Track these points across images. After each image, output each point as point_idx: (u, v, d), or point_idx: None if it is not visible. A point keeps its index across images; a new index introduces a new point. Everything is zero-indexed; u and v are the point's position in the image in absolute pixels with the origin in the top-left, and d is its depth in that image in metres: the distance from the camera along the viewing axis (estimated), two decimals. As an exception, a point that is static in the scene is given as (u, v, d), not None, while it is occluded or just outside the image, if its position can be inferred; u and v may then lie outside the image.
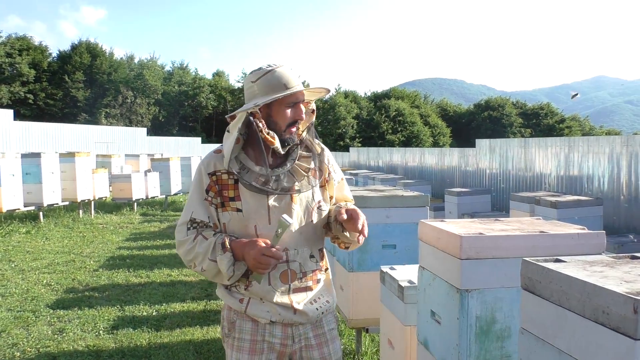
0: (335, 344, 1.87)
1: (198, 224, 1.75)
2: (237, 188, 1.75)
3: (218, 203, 1.77)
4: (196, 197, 1.78)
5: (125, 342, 4.31)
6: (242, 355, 1.76)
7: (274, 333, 1.76)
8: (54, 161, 10.89)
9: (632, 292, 1.06)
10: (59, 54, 47.79)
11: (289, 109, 1.77)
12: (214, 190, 1.76)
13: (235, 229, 1.77)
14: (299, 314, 1.76)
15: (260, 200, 1.74)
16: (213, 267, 1.71)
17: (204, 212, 1.76)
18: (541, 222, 2.14)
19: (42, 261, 7.42)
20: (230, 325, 1.80)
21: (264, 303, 1.75)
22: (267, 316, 1.74)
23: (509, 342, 1.85)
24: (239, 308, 1.77)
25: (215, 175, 1.77)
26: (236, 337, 1.78)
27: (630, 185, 7.77)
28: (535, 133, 56.66)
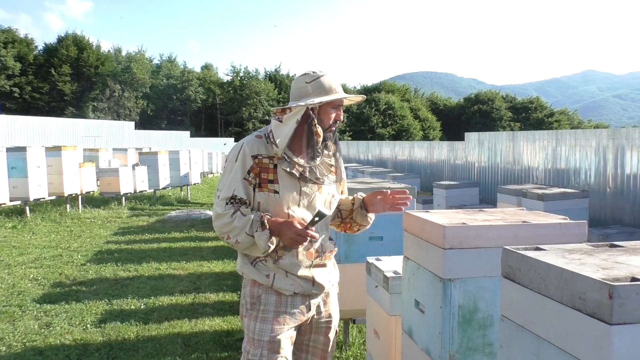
0: (337, 308, 2.22)
1: (237, 200, 1.97)
2: (276, 172, 2.00)
3: (256, 183, 2.00)
4: (238, 175, 1.99)
5: (113, 336, 4.29)
6: (266, 325, 1.98)
7: (295, 304, 2.02)
8: (40, 155, 10.78)
9: (607, 278, 1.07)
10: (45, 47, 47.20)
11: (334, 111, 2.07)
12: (254, 172, 1.99)
13: (268, 208, 2.01)
14: (317, 286, 2.05)
15: (295, 185, 2.01)
16: (249, 241, 1.93)
17: (242, 190, 1.98)
18: (524, 213, 2.16)
19: (29, 256, 7.36)
20: (255, 300, 2.02)
21: (288, 277, 1.99)
22: (291, 289, 1.99)
23: (491, 330, 1.87)
24: (265, 282, 1.99)
25: (258, 158, 2.00)
26: (261, 309, 2.00)
27: (616, 178, 7.86)
28: (525, 127, 57.00)
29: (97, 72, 46.29)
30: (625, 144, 7.72)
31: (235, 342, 4.13)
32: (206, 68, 57.98)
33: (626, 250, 1.37)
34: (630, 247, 1.41)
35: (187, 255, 7.43)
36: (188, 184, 15.98)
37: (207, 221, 10.51)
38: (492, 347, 1.87)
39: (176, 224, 10.30)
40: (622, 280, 1.06)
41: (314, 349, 2.15)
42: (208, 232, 9.37)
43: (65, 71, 43.95)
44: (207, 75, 55.60)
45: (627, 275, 1.10)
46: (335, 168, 2.15)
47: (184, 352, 3.96)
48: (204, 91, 52.97)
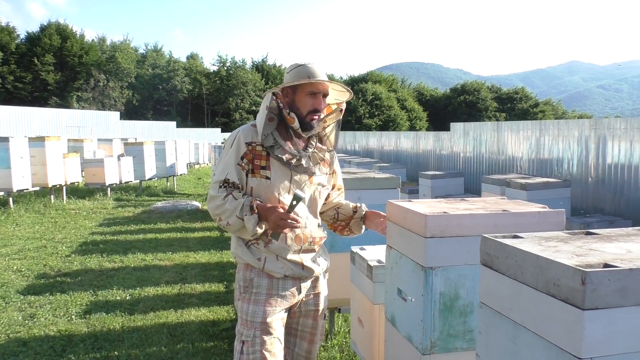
0: (326, 293, 2.30)
1: (230, 184, 2.05)
2: (268, 159, 2.07)
3: (249, 169, 2.08)
4: (232, 161, 2.08)
5: (98, 327, 4.28)
6: (259, 307, 2.06)
7: (286, 286, 2.10)
8: (23, 146, 10.62)
9: (581, 264, 1.10)
10: (27, 35, 46.36)
11: (309, 97, 2.09)
12: (247, 158, 2.07)
13: (260, 193, 2.08)
14: (306, 269, 2.13)
15: (286, 173, 2.08)
16: (239, 223, 2.00)
17: (235, 175, 2.06)
18: (505, 202, 2.19)
19: (12, 247, 7.29)
20: (248, 283, 2.10)
21: (278, 260, 2.07)
22: (282, 271, 2.07)
23: (471, 317, 1.90)
24: (257, 265, 2.07)
25: (251, 145, 2.08)
26: (253, 291, 2.08)
27: (598, 167, 7.97)
28: (510, 117, 57.39)
29: (81, 61, 45.62)
30: (607, 134, 7.83)
31: (221, 332, 4.15)
32: (192, 58, 57.46)
33: (601, 238, 1.40)
34: (605, 234, 1.45)
35: (173, 246, 7.41)
36: (174, 174, 15.88)
37: (193, 212, 10.48)
38: (472, 333, 1.91)
39: (162, 214, 10.26)
40: (594, 266, 1.09)
41: (302, 333, 2.22)
42: (194, 222, 9.35)
43: (48, 60, 43.25)
44: (193, 65, 55.12)
45: (599, 262, 1.12)
46: (326, 163, 2.22)
47: (170, 343, 3.97)
48: (190, 81, 52.53)
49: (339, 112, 2.23)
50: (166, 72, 50.96)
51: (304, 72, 2.09)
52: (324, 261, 2.25)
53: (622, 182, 7.53)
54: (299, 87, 2.10)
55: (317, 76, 2.08)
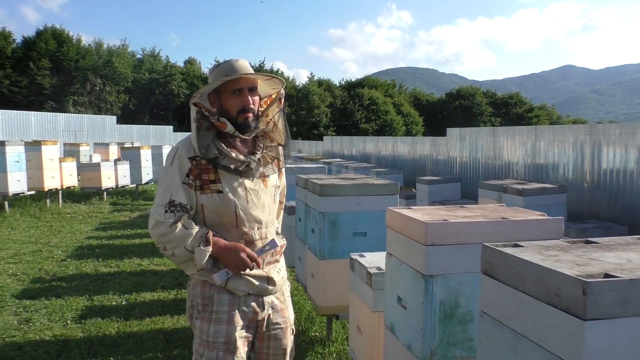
0: (291, 308, 2.17)
1: (176, 206, 1.87)
2: (216, 171, 1.91)
3: (197, 186, 1.91)
4: (176, 179, 1.89)
5: (93, 332, 4.27)
6: (221, 327, 1.92)
7: (248, 303, 1.96)
8: (19, 150, 10.60)
9: (582, 274, 1.11)
10: (23, 40, 46.24)
11: (235, 97, 1.93)
12: (194, 174, 1.90)
13: (215, 210, 1.92)
14: (271, 283, 2.01)
15: (238, 183, 1.93)
16: (186, 256, 1.85)
17: (183, 195, 1.89)
18: (504, 209, 2.19)
19: (8, 251, 7.26)
20: (207, 300, 1.94)
21: (242, 277, 1.93)
22: (245, 289, 1.94)
23: (471, 326, 1.90)
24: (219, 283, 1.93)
25: (195, 159, 1.91)
26: (214, 310, 1.93)
27: (593, 172, 8.00)
28: (505, 122, 57.59)
29: (78, 65, 45.48)
30: (602, 139, 7.86)
31: (218, 338, 4.14)
32: (189, 63, 57.44)
33: (600, 247, 1.41)
34: (605, 243, 1.45)
35: (169, 251, 7.38)
36: (170, 179, 15.84)
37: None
38: (472, 342, 1.91)
39: (158, 219, 10.22)
40: (595, 276, 1.10)
41: (275, 356, 2.08)
42: (191, 227, 9.33)
43: (44, 65, 43.11)
44: (191, 70, 55.09)
45: (600, 272, 1.13)
46: (277, 159, 2.07)
47: (166, 348, 3.95)
48: (187, 86, 52.47)
49: (279, 101, 2.06)
50: (163, 76, 50.90)
51: (221, 71, 1.94)
52: (284, 271, 2.14)
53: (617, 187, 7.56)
54: (222, 89, 1.94)
55: (235, 71, 1.91)
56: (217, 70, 1.96)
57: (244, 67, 1.95)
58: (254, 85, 1.97)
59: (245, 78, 1.93)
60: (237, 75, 1.91)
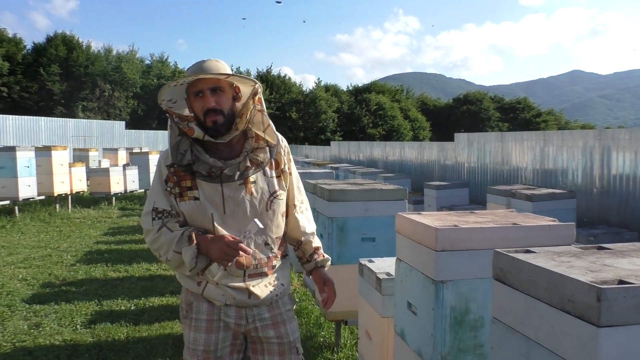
0: (292, 324, 1.99)
1: (161, 212, 1.85)
2: (193, 178, 1.84)
3: (177, 193, 1.86)
4: (158, 187, 1.88)
5: (103, 337, 4.28)
6: (199, 334, 1.87)
7: (229, 313, 1.88)
8: (29, 155, 10.69)
9: (596, 281, 1.10)
10: (33, 46, 46.72)
11: (198, 99, 1.84)
12: (172, 181, 1.86)
13: (194, 218, 1.86)
14: (253, 297, 1.87)
15: (215, 190, 1.83)
16: (177, 258, 1.80)
17: (165, 201, 1.86)
18: (514, 215, 2.19)
19: (18, 256, 7.31)
20: (187, 307, 1.91)
21: (218, 287, 1.85)
22: (222, 299, 1.86)
23: (482, 332, 1.89)
24: (196, 290, 1.88)
25: (173, 167, 1.86)
26: (193, 317, 1.89)
27: (603, 178, 7.95)
28: (513, 127, 57.38)
29: (87, 71, 45.87)
30: (612, 144, 7.82)
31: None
32: (197, 68, 57.76)
33: (614, 253, 1.40)
34: (618, 249, 1.45)
35: (177, 255, 7.40)
36: (178, 184, 15.91)
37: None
38: (483, 348, 1.90)
39: (166, 224, 10.26)
40: (609, 283, 1.09)
41: None
42: (199, 232, 9.34)
43: (54, 71, 43.50)
44: (198, 74, 55.39)
45: (614, 278, 1.12)
46: (276, 161, 1.94)
47: (175, 354, 3.95)
48: (195, 91, 52.77)
49: (253, 97, 1.89)
50: (171, 82, 51.23)
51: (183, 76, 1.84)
52: (281, 286, 1.94)
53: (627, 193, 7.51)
54: (188, 93, 1.87)
55: (194, 74, 1.81)
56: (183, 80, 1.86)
57: (208, 68, 1.83)
58: (216, 85, 1.82)
59: (205, 80, 1.81)
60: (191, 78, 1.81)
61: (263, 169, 1.90)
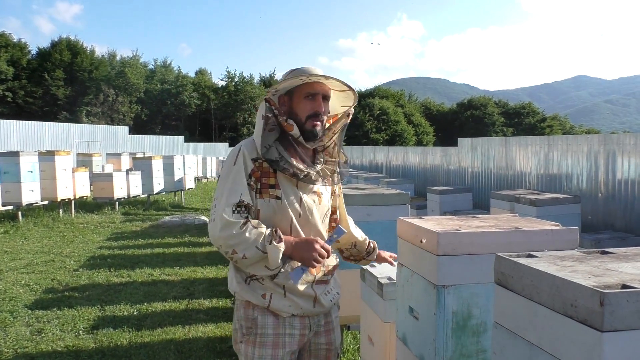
0: (338, 329, 2.04)
1: (244, 206, 1.78)
2: (276, 177, 1.83)
3: (257, 189, 1.83)
4: (242, 180, 1.80)
5: (105, 342, 4.27)
6: (266, 350, 1.82)
7: (294, 324, 1.86)
8: (32, 160, 10.73)
9: (599, 285, 1.08)
10: (38, 51, 47.02)
11: (308, 100, 1.85)
12: (256, 176, 1.82)
13: (271, 217, 1.83)
14: (319, 305, 1.89)
15: (296, 193, 1.85)
16: (258, 256, 1.74)
17: (249, 195, 1.80)
18: (517, 219, 2.17)
19: (21, 261, 7.31)
20: (250, 323, 1.85)
21: (286, 297, 1.82)
22: (290, 310, 1.83)
23: (484, 337, 1.87)
24: (261, 304, 1.82)
25: (258, 161, 1.83)
26: (258, 333, 1.83)
27: (608, 183, 7.92)
28: (517, 132, 57.32)
29: (91, 76, 46.14)
30: (617, 149, 7.79)
31: (229, 349, 4.12)
32: (200, 73, 58.00)
33: (617, 257, 1.38)
34: (621, 253, 1.43)
35: (180, 260, 7.40)
36: (182, 189, 15.93)
37: (201, 226, 10.48)
38: (485, 353, 1.88)
39: (170, 229, 10.27)
40: (613, 287, 1.07)
41: None
42: (202, 237, 9.34)
43: (58, 76, 43.77)
44: (202, 80, 55.61)
45: (617, 283, 1.11)
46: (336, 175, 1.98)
47: (177, 359, 3.94)
48: (199, 96, 52.94)
49: (347, 116, 1.98)
50: (175, 87, 51.42)
51: (297, 74, 1.85)
52: (336, 294, 2.00)
53: (632, 198, 7.47)
54: (295, 91, 1.87)
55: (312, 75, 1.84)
56: (294, 74, 1.86)
57: (319, 72, 1.87)
58: (327, 93, 1.89)
59: (321, 86, 1.86)
60: (316, 75, 1.83)
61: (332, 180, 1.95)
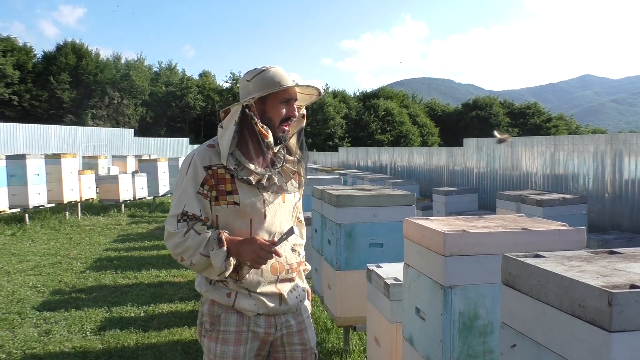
0: (312, 329, 2.04)
1: (189, 217, 1.80)
2: (234, 182, 1.83)
3: (212, 196, 1.83)
4: (190, 190, 1.81)
5: (112, 343, 4.29)
6: (228, 347, 1.84)
7: (259, 323, 1.87)
8: (39, 163, 10.79)
9: (607, 285, 1.08)
10: (43, 54, 47.24)
11: (283, 106, 1.87)
12: (209, 184, 1.82)
13: (228, 222, 1.84)
14: (284, 303, 1.90)
15: (256, 196, 1.84)
16: (204, 262, 1.76)
17: (196, 205, 1.80)
18: (524, 219, 2.17)
19: (28, 263, 7.35)
20: (214, 319, 1.87)
21: (250, 296, 1.84)
22: (255, 309, 1.85)
23: (491, 338, 1.87)
24: (226, 302, 1.84)
25: (212, 169, 1.82)
26: (221, 329, 1.86)
27: (615, 183, 7.87)
28: (523, 132, 57.09)
29: (96, 79, 46.30)
30: (624, 149, 7.75)
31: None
32: (204, 75, 58.12)
33: (625, 257, 1.38)
34: (630, 253, 1.42)
35: (186, 262, 7.41)
36: (187, 190, 15.96)
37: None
38: (492, 354, 1.88)
39: (175, 231, 10.28)
40: (621, 287, 1.07)
41: None
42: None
43: (64, 79, 43.95)
44: (206, 82, 55.72)
45: (626, 283, 1.10)
46: (298, 175, 1.98)
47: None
48: (203, 98, 53.05)
49: (302, 117, 1.99)
50: (179, 89, 51.55)
51: (270, 79, 1.84)
52: (302, 291, 2.01)
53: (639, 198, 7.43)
54: (270, 96, 1.86)
55: (288, 81, 1.86)
56: (264, 77, 1.85)
57: (289, 77, 1.90)
58: (295, 97, 1.93)
59: (294, 90, 1.90)
60: (294, 85, 1.88)
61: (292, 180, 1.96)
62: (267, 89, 1.83)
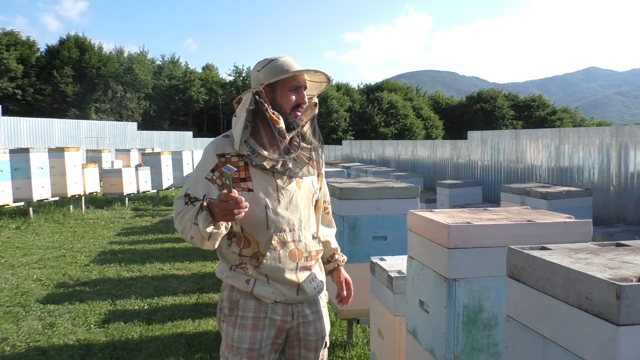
0: (326, 319, 2.04)
1: (192, 199, 1.83)
2: (247, 169, 1.85)
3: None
4: (198, 175, 1.87)
5: (116, 336, 4.29)
6: (245, 332, 1.86)
7: (276, 310, 1.89)
8: (43, 156, 10.80)
9: (615, 278, 1.06)
10: (47, 48, 47.27)
11: (292, 93, 1.89)
12: (220, 171, 1.84)
13: None
14: (302, 292, 1.90)
15: (270, 182, 1.86)
16: (198, 232, 1.74)
17: (201, 190, 1.84)
18: (529, 212, 2.14)
19: (32, 256, 7.37)
20: (232, 305, 1.89)
21: (269, 284, 1.86)
22: (272, 297, 1.86)
23: (496, 331, 1.86)
24: (245, 289, 1.86)
25: (225, 157, 1.86)
26: (239, 315, 1.88)
27: (620, 176, 7.83)
28: (527, 125, 56.84)
29: (99, 73, 46.32)
30: (629, 141, 7.69)
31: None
32: (207, 68, 58.05)
33: (633, 250, 1.36)
34: (637, 246, 1.40)
35: (190, 255, 7.43)
36: (191, 184, 15.98)
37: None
38: (497, 347, 1.86)
39: (179, 224, 10.30)
40: (629, 280, 1.05)
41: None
42: (211, 232, 9.36)
43: (67, 73, 43.99)
44: (209, 75, 55.66)
45: (634, 275, 1.08)
46: (313, 162, 1.99)
47: (188, 352, 3.96)
48: (206, 92, 53.02)
49: (314, 106, 2.02)
50: (182, 82, 51.52)
51: (279, 67, 1.87)
52: (320, 282, 2.01)
53: (644, 190, 7.39)
54: (280, 84, 1.89)
55: (296, 68, 1.88)
56: (273, 65, 1.88)
57: (297, 65, 1.92)
58: (305, 84, 1.95)
59: (303, 77, 1.93)
60: (302, 71, 1.89)
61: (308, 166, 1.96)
62: (275, 76, 1.86)
